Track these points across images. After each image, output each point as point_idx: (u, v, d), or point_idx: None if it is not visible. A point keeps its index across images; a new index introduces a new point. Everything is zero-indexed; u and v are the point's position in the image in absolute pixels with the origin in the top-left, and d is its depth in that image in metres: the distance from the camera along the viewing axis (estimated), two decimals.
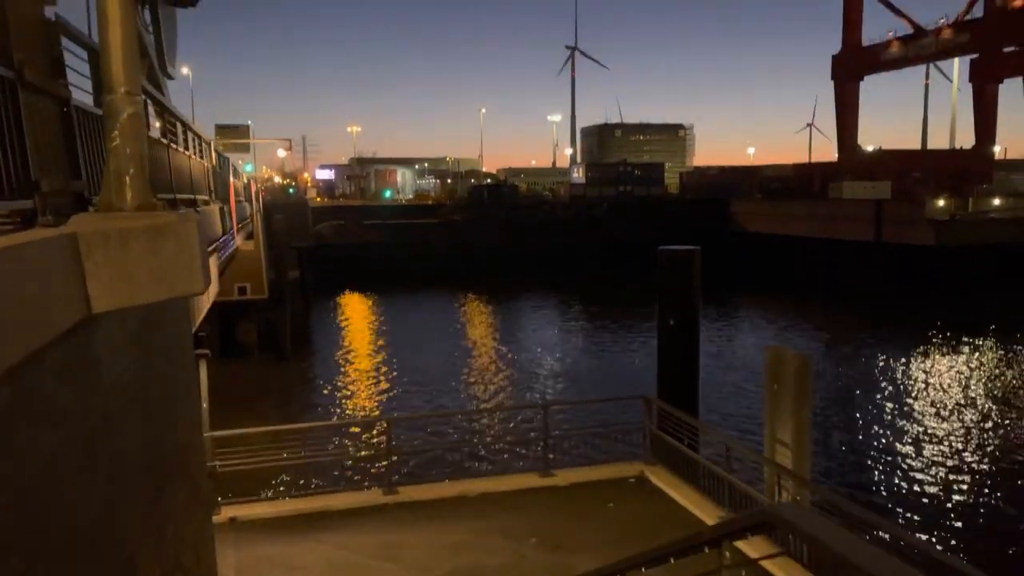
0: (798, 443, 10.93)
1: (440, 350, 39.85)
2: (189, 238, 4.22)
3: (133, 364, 4.89)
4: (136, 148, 4.30)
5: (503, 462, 15.10)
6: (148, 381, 5.39)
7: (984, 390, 31.12)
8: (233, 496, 12.06)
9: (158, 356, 5.82)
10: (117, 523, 4.28)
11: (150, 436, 5.31)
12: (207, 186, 13.08)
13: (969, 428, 26.32)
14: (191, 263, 4.24)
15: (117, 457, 4.33)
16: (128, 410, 4.68)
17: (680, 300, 14.28)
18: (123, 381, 4.58)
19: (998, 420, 27.21)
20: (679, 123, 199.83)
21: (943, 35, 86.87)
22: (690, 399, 14.22)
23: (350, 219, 76.48)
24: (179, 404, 6.81)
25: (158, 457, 5.48)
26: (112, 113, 4.24)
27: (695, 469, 12.64)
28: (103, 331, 4.16)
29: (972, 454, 23.80)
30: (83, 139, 5.50)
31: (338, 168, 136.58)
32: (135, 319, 4.95)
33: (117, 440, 4.37)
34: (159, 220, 4.15)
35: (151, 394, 5.48)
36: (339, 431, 20.57)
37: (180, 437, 6.59)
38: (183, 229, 4.21)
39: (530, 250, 73.37)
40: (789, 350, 11.19)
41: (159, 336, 5.92)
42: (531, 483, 13.08)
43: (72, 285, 3.66)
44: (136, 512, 4.67)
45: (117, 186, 4.29)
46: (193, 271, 4.26)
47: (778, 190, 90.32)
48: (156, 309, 5.89)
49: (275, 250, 43.82)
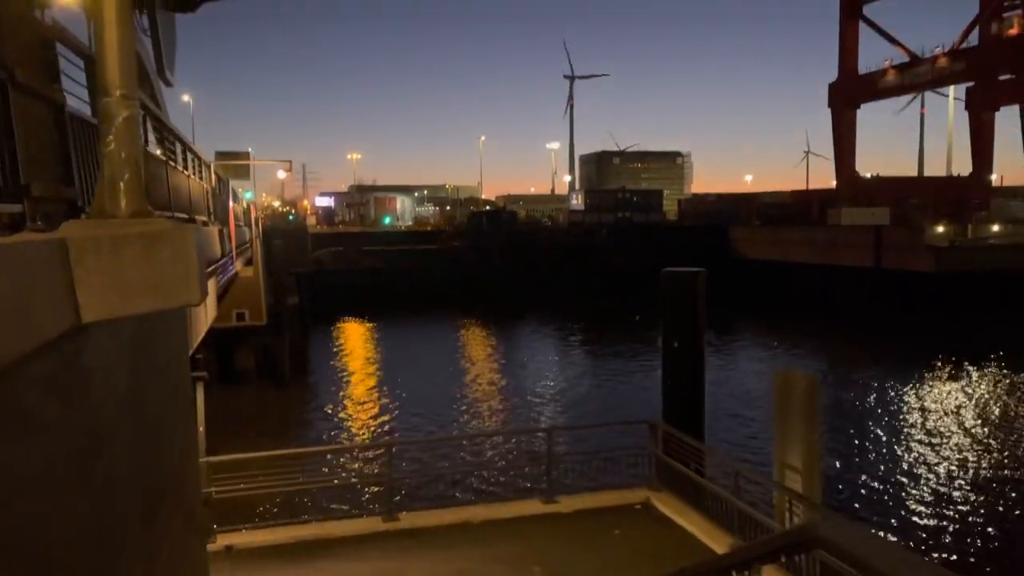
0: (808, 467, 10.67)
1: (440, 376, 39.56)
2: (185, 246, 4.04)
3: (126, 381, 4.69)
4: (131, 153, 4.13)
5: (505, 488, 14.79)
6: (142, 400, 5.18)
7: (985, 416, 30.82)
8: (229, 523, 11.76)
9: (153, 374, 5.61)
10: (105, 547, 4.05)
11: (143, 458, 5.09)
12: (206, 207, 12.94)
13: (972, 453, 26.00)
14: (187, 272, 4.06)
15: (107, 477, 4.11)
16: (120, 429, 4.47)
17: (685, 322, 14.09)
18: (115, 398, 4.37)
19: (1001, 446, 26.89)
20: (677, 151, 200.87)
21: (939, 63, 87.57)
22: (696, 423, 13.96)
23: (349, 245, 76.49)
24: (175, 426, 6.59)
25: (151, 480, 5.25)
26: (107, 116, 4.08)
27: (702, 495, 12.36)
28: (94, 342, 3.96)
29: (975, 478, 23.47)
30: (78, 147, 5.34)
31: (337, 195, 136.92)
32: (129, 333, 4.75)
33: (108, 460, 4.16)
34: (154, 227, 3.97)
35: (145, 414, 5.27)
36: (338, 456, 20.23)
37: (175, 460, 6.36)
38: (179, 237, 4.03)
39: (529, 276, 73.28)
40: (797, 371, 10.98)
41: (154, 353, 5.71)
42: (534, 509, 12.79)
43: (60, 292, 3.47)
44: (126, 537, 4.44)
45: (111, 192, 4.11)
46: (189, 281, 4.08)
47: (776, 216, 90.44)
48: (151, 325, 5.70)
49: (274, 276, 43.69)
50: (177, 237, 4.01)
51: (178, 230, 4.04)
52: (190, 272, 4.05)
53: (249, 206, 39.59)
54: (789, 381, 10.97)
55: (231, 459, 11.50)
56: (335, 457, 19.83)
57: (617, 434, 16.21)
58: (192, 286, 4.08)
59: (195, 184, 11.92)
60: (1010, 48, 77.73)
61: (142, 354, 5.28)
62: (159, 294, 3.93)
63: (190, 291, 4.07)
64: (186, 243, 4.03)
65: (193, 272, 4.08)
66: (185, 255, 4.02)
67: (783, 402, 11.06)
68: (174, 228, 4.03)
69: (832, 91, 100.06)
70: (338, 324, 60.11)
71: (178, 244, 4.00)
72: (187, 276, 4.04)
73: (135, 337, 5.05)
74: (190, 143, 11.79)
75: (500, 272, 73.49)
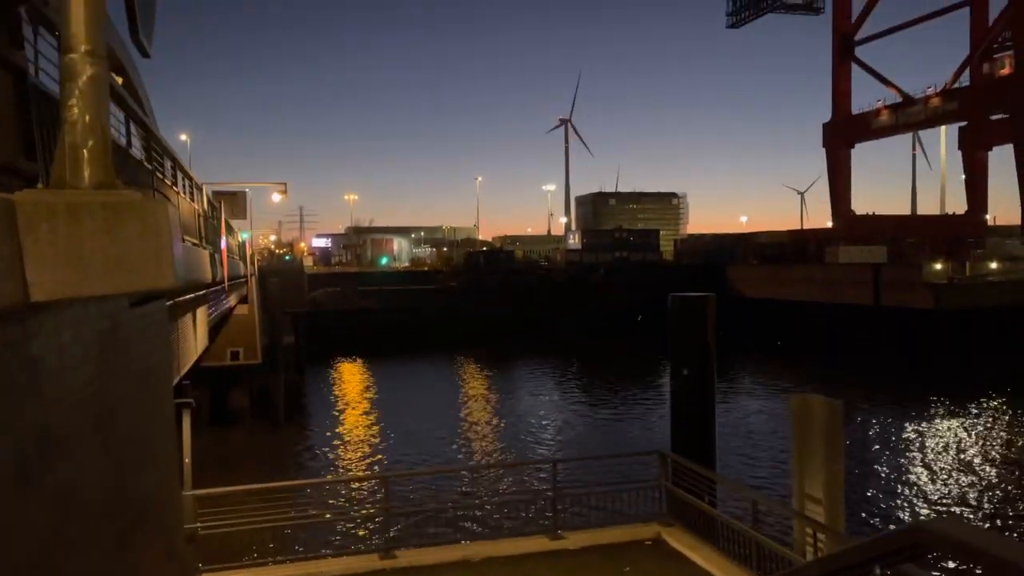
0: (831, 497, 10.06)
1: (437, 416, 38.76)
2: (157, 221, 3.54)
3: (91, 384, 4.16)
4: (96, 117, 3.65)
5: (508, 523, 14.02)
6: (112, 410, 4.64)
7: (987, 452, 30.15)
8: (217, 562, 11.05)
9: (127, 382, 5.07)
10: (58, 568, 3.48)
11: (112, 475, 4.53)
12: (197, 230, 12.48)
13: (973, 488, 25.30)
14: (158, 251, 3.55)
15: (62, 490, 3.56)
16: (81, 437, 3.93)
17: (694, 349, 13.55)
18: (74, 400, 3.84)
19: (1001, 482, 26.21)
20: (672, 192, 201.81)
21: (931, 103, 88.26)
22: (706, 453, 13.34)
23: (346, 286, 76.03)
24: (152, 446, 6.01)
25: (121, 502, 4.68)
26: (70, 75, 3.60)
27: (717, 528, 11.71)
28: (48, 330, 3.43)
29: (979, 512, 22.75)
30: (42, 123, 4.86)
31: (334, 237, 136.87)
32: (97, 330, 4.23)
33: (63, 470, 3.61)
34: (119, 197, 3.47)
35: (116, 427, 4.72)
36: (332, 489, 19.42)
37: (153, 484, 5.78)
38: (149, 210, 3.53)
39: (527, 315, 72.76)
40: (818, 396, 10.41)
41: (130, 360, 5.17)
42: (539, 546, 12.09)
43: (4, 262, 2.96)
44: (85, 561, 3.87)
45: (73, 161, 3.61)
46: (161, 261, 3.57)
47: (774, 256, 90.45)
48: (127, 329, 5.17)
49: (270, 315, 43.11)
50: (147, 210, 3.51)
51: (148, 203, 3.54)
52: (161, 251, 3.55)
53: (244, 242, 39.15)
54: (809, 407, 10.41)
55: (218, 492, 10.84)
56: (329, 491, 19.03)
57: (623, 466, 15.55)
58: (163, 267, 3.57)
59: (185, 204, 11.46)
60: (1002, 88, 78.37)
61: (114, 359, 4.75)
62: (124, 273, 3.42)
63: (161, 272, 3.56)
64: (157, 217, 3.53)
65: (165, 251, 3.57)
66: (156, 231, 3.52)
67: (803, 429, 10.49)
68: (144, 200, 3.53)
69: (827, 131, 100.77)
70: (335, 364, 59.33)
71: (148, 218, 3.50)
72: (157, 255, 3.53)
73: (106, 337, 4.52)
74: (180, 160, 11.38)
75: (498, 311, 72.95)
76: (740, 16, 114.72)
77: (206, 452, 29.78)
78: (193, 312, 14.19)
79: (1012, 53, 79.09)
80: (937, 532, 2.50)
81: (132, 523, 4.78)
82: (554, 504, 12.36)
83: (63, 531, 3.44)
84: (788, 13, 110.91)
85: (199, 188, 14.41)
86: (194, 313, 14.27)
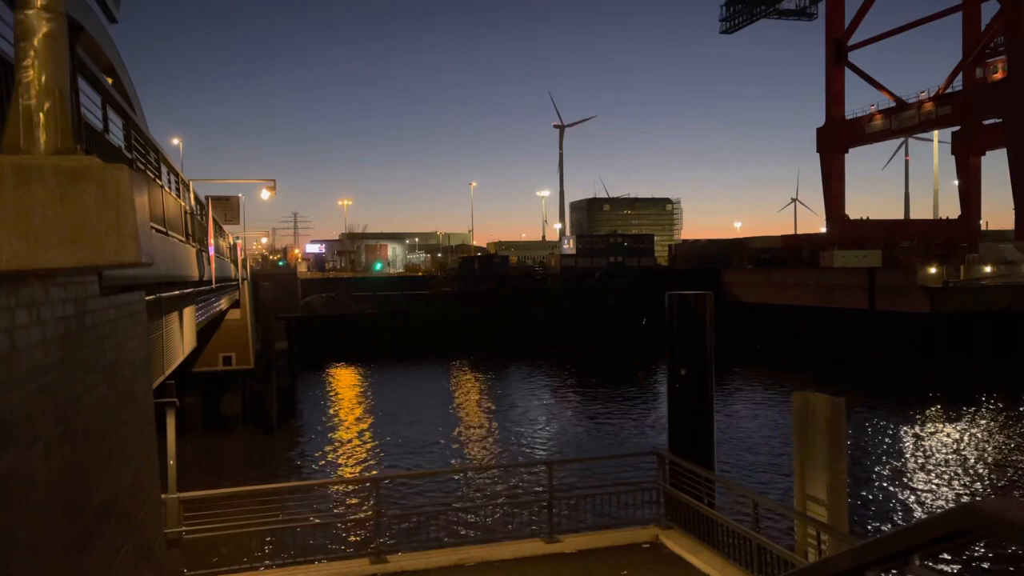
0: (834, 497, 9.78)
1: (432, 422, 38.39)
2: (118, 190, 3.25)
3: (52, 372, 3.87)
4: (53, 79, 3.36)
5: (504, 526, 13.70)
6: (75, 402, 4.35)
7: (982, 455, 29.95)
8: (202, 567, 10.71)
9: (95, 374, 4.78)
10: (2, 569, 3.18)
11: (74, 471, 4.24)
12: (183, 226, 12.16)
13: (968, 490, 25.07)
14: (119, 223, 3.26)
15: (8, 481, 3.26)
16: (36, 426, 3.64)
17: (693, 347, 13.27)
18: (31, 387, 3.55)
19: (996, 483, 25.99)
20: (666, 197, 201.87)
21: (925, 108, 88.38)
22: (705, 455, 13.05)
23: (340, 291, 75.61)
24: (126, 446, 5.71)
25: (84, 498, 4.39)
26: (25, 33, 3.31)
27: (716, 531, 11.42)
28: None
29: None
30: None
31: (328, 243, 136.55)
32: (60, 313, 3.95)
33: (13, 455, 3.31)
34: (76, 162, 3.18)
35: (79, 420, 4.43)
36: (322, 493, 19.02)
37: (123, 485, 5.48)
38: (110, 178, 3.24)
39: (522, 320, 72.47)
40: (819, 394, 10.15)
41: (100, 351, 4.89)
42: (535, 550, 11.78)
43: None
44: (37, 561, 3.57)
45: (26, 125, 3.33)
46: (122, 232, 3.28)
47: (768, 260, 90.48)
48: (96, 314, 4.88)
49: (262, 320, 42.74)
50: (107, 178, 3.22)
51: (108, 169, 3.25)
52: (123, 222, 3.26)
53: (235, 243, 38.78)
54: (810, 404, 10.14)
55: (203, 495, 10.51)
56: (319, 494, 18.65)
57: (619, 468, 15.27)
58: (125, 240, 3.28)
59: (170, 200, 11.14)
60: (996, 92, 78.47)
61: (80, 348, 4.46)
62: (81, 246, 3.14)
63: (122, 246, 3.27)
64: (119, 185, 3.24)
65: (128, 223, 3.28)
66: (116, 200, 3.23)
67: (804, 427, 10.22)
68: (103, 166, 3.24)
69: (820, 136, 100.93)
70: (328, 370, 58.91)
71: (108, 186, 3.21)
72: (118, 226, 3.24)
73: (71, 323, 4.23)
74: (166, 154, 11.08)
75: (493, 316, 72.64)
76: (734, 22, 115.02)
77: (198, 458, 29.47)
78: (180, 311, 13.86)
79: (1005, 57, 79.24)
80: (990, 514, 2.22)
81: (95, 523, 4.48)
82: (550, 507, 12.05)
83: (7, 527, 3.14)
84: (781, 19, 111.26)
85: (186, 185, 14.10)
86: (180, 312, 13.94)
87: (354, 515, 15.17)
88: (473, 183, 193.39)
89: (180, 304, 13.70)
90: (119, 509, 5.22)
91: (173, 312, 12.92)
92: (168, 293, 10.65)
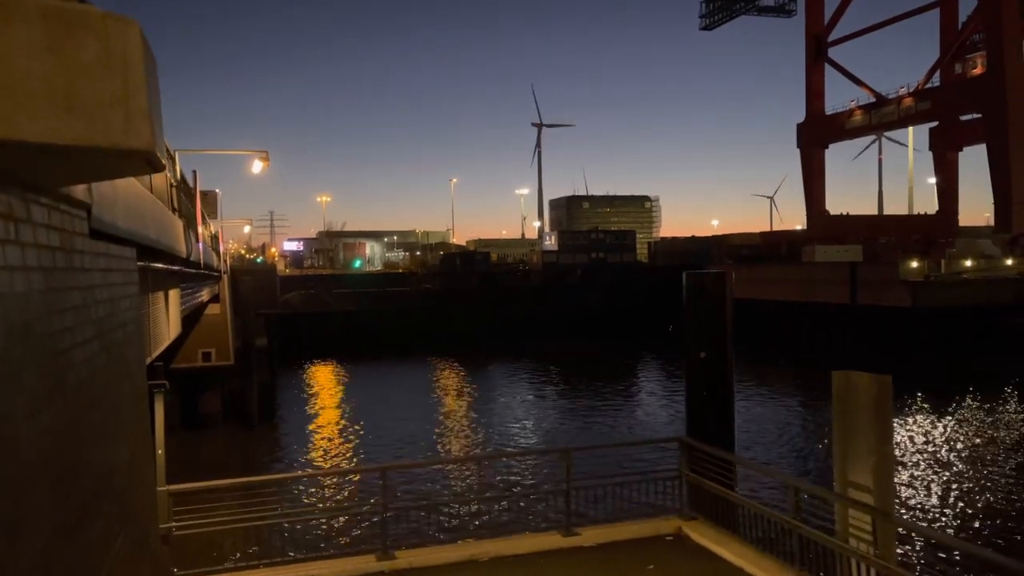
0: (880, 483, 9.10)
1: (414, 419, 37.37)
2: (126, 49, 2.43)
3: (35, 306, 3.04)
4: None
5: (518, 518, 12.89)
6: (66, 353, 3.51)
7: (960, 448, 29.63)
8: (195, 566, 9.82)
9: (86, 327, 3.94)
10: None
11: (65, 437, 3.42)
12: (169, 199, 11.24)
13: (946, 483, 24.67)
14: (128, 94, 2.44)
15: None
16: (17, 370, 2.80)
17: (711, 330, 12.58)
18: (6, 319, 2.72)
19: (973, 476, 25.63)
20: (645, 195, 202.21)
21: (904, 103, 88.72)
22: (726, 441, 12.35)
23: (320, 288, 74.51)
24: (121, 419, 4.86)
25: (77, 469, 3.56)
26: None
27: (743, 520, 10.73)
28: None
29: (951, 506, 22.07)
30: None
31: (306, 240, 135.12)
32: (41, 236, 3.12)
33: None
34: (69, 4, 2.35)
35: (72, 375, 3.59)
36: (322, 484, 18.00)
37: (119, 459, 4.64)
38: (115, 31, 2.42)
39: (504, 317, 71.71)
40: (863, 373, 9.47)
41: (90, 298, 4.05)
42: (552, 543, 11.00)
43: None
44: (23, 539, 2.75)
45: None
46: (132, 108, 2.45)
47: (749, 256, 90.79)
48: (86, 258, 4.04)
49: (242, 317, 41.68)
50: (112, 31, 2.39)
51: (113, 21, 2.42)
52: (133, 94, 2.44)
53: (218, 232, 37.71)
54: (853, 384, 9.45)
55: (196, 487, 9.62)
56: (319, 486, 17.68)
57: (631, 456, 14.51)
58: (136, 118, 2.46)
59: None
60: (975, 87, 78.86)
61: (68, 288, 3.63)
62: (77, 118, 2.32)
63: (132, 126, 2.45)
64: (127, 44, 2.42)
65: (138, 97, 2.46)
66: (124, 64, 2.41)
67: (845, 409, 9.52)
68: (105, 16, 2.41)
69: (801, 132, 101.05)
70: (308, 367, 57.76)
71: (113, 42, 2.39)
72: (127, 99, 2.43)
73: (56, 258, 3.40)
74: None
75: (475, 313, 71.81)
76: (713, 18, 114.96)
77: (178, 456, 28.30)
78: (165, 292, 12.94)
79: (984, 53, 79.68)
80: None
81: (90, 502, 3.65)
82: (568, 498, 11.25)
83: None
84: (761, 15, 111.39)
85: (171, 156, 13.16)
86: (166, 294, 13.01)
87: (358, 508, 14.21)
88: (453, 179, 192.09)
89: (166, 283, 12.78)
90: (114, 491, 4.39)
91: (159, 292, 12.00)
92: (156, 265, 9.75)
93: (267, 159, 18.34)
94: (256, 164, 18.65)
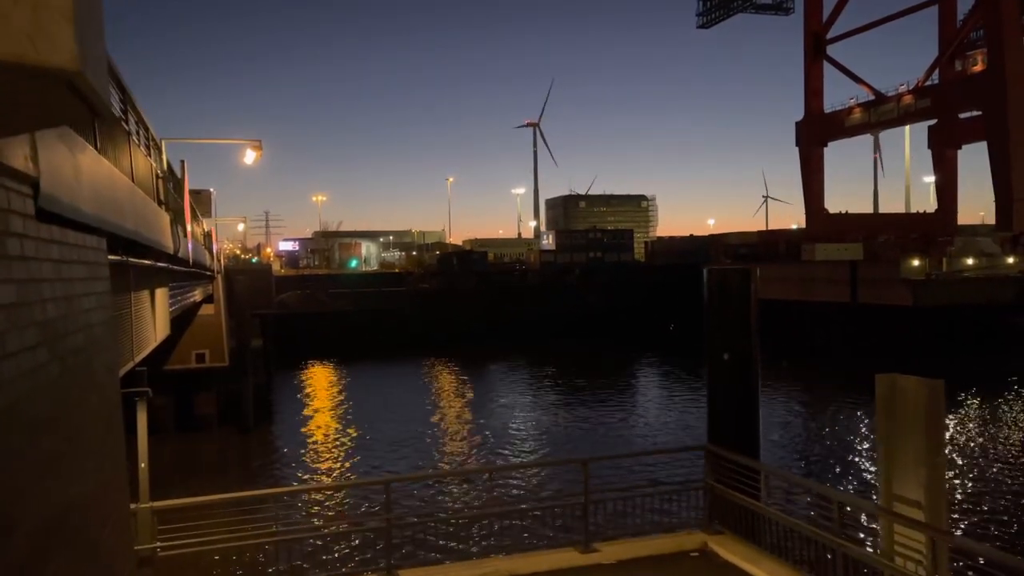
0: (932, 496, 8.32)
1: (412, 421, 36.55)
2: None
3: None
4: None
5: (532, 534, 12.10)
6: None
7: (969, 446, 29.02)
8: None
9: (25, 331, 3.14)
10: None
11: (3, 470, 2.63)
12: (155, 192, 10.42)
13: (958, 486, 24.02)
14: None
15: None
16: None
17: (735, 330, 11.80)
18: None
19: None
20: (642, 194, 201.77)
21: (904, 101, 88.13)
22: (751, 450, 11.55)
23: (316, 288, 73.70)
24: (81, 441, 4.07)
25: (12, 516, 2.77)
26: None
27: (772, 536, 9.96)
28: None
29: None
30: None
31: (302, 240, 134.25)
32: None
33: None
34: None
35: (5, 398, 2.81)
36: (322, 499, 17.13)
37: (77, 492, 3.84)
38: None
39: (501, 317, 70.97)
40: (911, 377, 8.70)
41: (33, 294, 3.25)
42: (569, 560, 10.20)
43: None
44: None
45: None
46: (48, 6, 1.68)
47: (746, 255, 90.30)
48: (29, 248, 3.24)
49: (236, 317, 40.82)
50: None
51: None
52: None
53: (211, 230, 36.85)
54: (900, 388, 8.67)
55: (182, 504, 8.82)
56: (319, 500, 16.82)
57: (648, 466, 13.73)
58: (53, 22, 1.68)
59: (140, 157, 9.36)
60: (975, 84, 78.27)
61: (2, 292, 2.84)
62: None
63: (47, 33, 1.67)
64: None
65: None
66: None
67: (892, 414, 8.75)
68: None
69: (800, 129, 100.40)
70: (304, 368, 56.92)
71: None
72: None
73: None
74: (134, 96, 9.33)
75: (472, 313, 71.04)
76: (710, 16, 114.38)
77: (172, 462, 27.50)
78: (151, 291, 12.11)
79: (984, 50, 79.10)
80: None
81: (28, 553, 2.85)
82: (585, 511, 10.45)
83: None
84: (758, 13, 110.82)
85: (157, 146, 12.32)
86: (152, 292, 12.18)
87: (360, 524, 13.27)
88: (450, 178, 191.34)
89: (152, 280, 11.95)
90: (70, 529, 3.59)
91: (144, 290, 11.19)
92: (137, 260, 8.93)
93: (260, 148, 17.51)
94: (249, 154, 17.85)
